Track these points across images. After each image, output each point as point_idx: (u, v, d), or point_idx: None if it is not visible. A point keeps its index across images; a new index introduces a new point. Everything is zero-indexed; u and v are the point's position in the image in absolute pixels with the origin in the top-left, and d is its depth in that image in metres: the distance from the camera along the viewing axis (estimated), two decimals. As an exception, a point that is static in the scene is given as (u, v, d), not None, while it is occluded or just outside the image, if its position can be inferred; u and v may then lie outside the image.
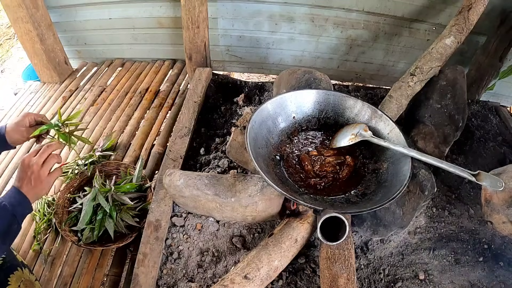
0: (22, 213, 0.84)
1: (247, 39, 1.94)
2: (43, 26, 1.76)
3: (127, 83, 1.95)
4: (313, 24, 1.83)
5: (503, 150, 1.44)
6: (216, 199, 1.01)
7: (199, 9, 1.61)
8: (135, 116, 1.74)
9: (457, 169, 0.94)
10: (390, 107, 1.23)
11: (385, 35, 1.84)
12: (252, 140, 1.01)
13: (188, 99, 1.57)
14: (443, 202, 1.25)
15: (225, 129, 1.53)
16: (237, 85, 1.78)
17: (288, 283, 1.04)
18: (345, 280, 0.89)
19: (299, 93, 1.17)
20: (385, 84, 2.05)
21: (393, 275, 1.07)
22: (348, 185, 1.06)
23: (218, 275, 1.07)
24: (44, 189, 0.88)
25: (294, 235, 0.98)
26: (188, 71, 1.92)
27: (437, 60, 1.28)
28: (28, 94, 1.91)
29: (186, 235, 1.15)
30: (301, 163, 1.10)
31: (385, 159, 1.07)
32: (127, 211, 1.22)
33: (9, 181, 1.44)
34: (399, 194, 0.90)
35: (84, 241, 1.15)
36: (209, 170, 1.32)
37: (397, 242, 1.14)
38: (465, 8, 1.36)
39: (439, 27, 1.75)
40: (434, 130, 1.20)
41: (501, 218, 0.97)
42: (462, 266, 1.08)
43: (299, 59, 2.03)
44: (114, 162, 1.43)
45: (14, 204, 0.82)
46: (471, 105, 1.66)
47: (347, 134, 1.13)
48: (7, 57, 3.07)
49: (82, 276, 1.15)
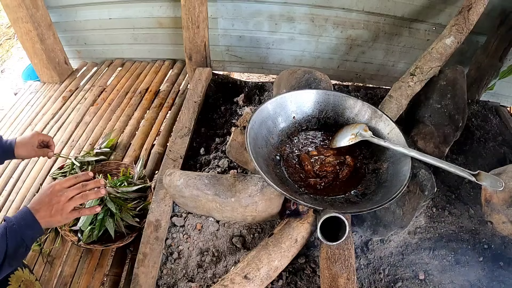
0: (32, 237, 0.79)
1: (247, 39, 1.94)
2: (43, 26, 1.76)
3: (127, 83, 1.95)
4: (313, 24, 1.83)
5: (503, 150, 1.44)
6: (216, 199, 1.01)
7: (199, 9, 1.61)
8: (135, 116, 1.74)
9: (457, 169, 0.94)
10: (390, 107, 1.23)
11: (385, 35, 1.84)
12: (252, 140, 1.01)
13: (188, 99, 1.57)
14: (443, 202, 1.25)
15: (225, 129, 1.53)
16: (237, 85, 1.78)
17: (288, 283, 1.04)
18: (345, 280, 0.89)
19: (299, 93, 1.17)
20: (385, 84, 2.05)
21: (393, 275, 1.07)
22: (348, 185, 1.06)
23: (218, 275, 1.07)
24: (60, 222, 0.84)
25: (294, 235, 0.98)
26: (188, 71, 1.92)
27: (437, 60, 1.28)
28: (28, 94, 1.90)
29: (186, 235, 1.15)
30: (301, 163, 1.10)
31: (385, 159, 1.07)
32: (128, 211, 1.22)
33: (8, 181, 1.44)
34: (399, 194, 0.90)
35: (84, 241, 1.15)
36: (209, 170, 1.32)
37: (397, 242, 1.14)
38: (465, 8, 1.36)
39: (439, 27, 1.75)
40: (434, 130, 1.20)
41: (501, 218, 0.97)
42: (462, 266, 1.08)
43: (299, 59, 2.03)
44: (114, 162, 1.43)
45: (24, 228, 0.77)
46: (471, 105, 1.66)
47: (347, 134, 1.13)
48: (7, 57, 3.07)
49: (82, 276, 1.15)
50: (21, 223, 0.77)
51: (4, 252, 0.73)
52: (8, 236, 0.75)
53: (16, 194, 1.38)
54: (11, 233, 0.75)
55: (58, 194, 0.83)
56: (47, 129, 1.67)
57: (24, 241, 0.77)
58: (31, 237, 0.79)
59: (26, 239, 0.77)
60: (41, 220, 0.80)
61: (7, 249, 0.74)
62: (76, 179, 0.88)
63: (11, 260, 0.75)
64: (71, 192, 0.84)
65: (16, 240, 0.75)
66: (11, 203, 1.35)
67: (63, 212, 0.82)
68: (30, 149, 1.12)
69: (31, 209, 0.80)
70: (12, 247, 0.75)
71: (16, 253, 0.76)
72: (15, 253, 0.76)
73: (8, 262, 0.74)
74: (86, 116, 1.74)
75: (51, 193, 0.83)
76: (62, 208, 0.82)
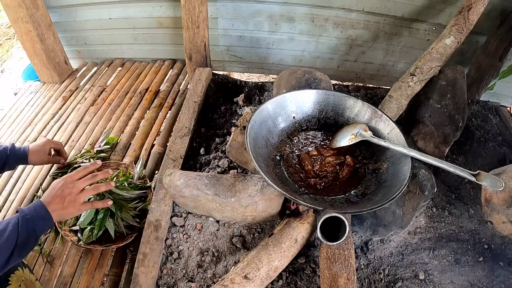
0: (43, 229, 0.81)
1: (247, 39, 1.94)
2: (43, 26, 1.76)
3: (127, 83, 1.95)
4: (313, 24, 1.83)
5: (503, 150, 1.44)
6: (216, 199, 1.01)
7: (199, 9, 1.61)
8: (135, 116, 1.74)
9: (457, 169, 0.94)
10: (390, 107, 1.23)
11: (385, 35, 1.84)
12: (252, 140, 1.01)
13: (188, 99, 1.57)
14: (443, 202, 1.25)
15: (225, 129, 1.53)
16: (237, 85, 1.78)
17: (288, 283, 1.04)
18: (345, 280, 0.89)
19: (299, 93, 1.17)
20: (385, 84, 2.05)
21: (393, 275, 1.07)
22: (348, 185, 1.06)
23: (218, 275, 1.07)
24: (72, 214, 0.85)
25: (294, 235, 0.98)
26: (188, 71, 1.92)
27: (437, 60, 1.28)
28: (28, 94, 1.90)
29: (186, 235, 1.15)
30: (301, 163, 1.10)
31: (385, 159, 1.07)
32: (128, 211, 1.21)
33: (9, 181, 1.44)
34: (399, 194, 0.90)
35: (84, 241, 1.15)
36: (209, 170, 1.32)
37: (397, 242, 1.14)
38: (465, 8, 1.36)
39: (439, 27, 1.75)
40: (434, 130, 1.20)
41: (501, 218, 0.97)
42: (462, 266, 1.08)
43: (299, 59, 2.03)
44: (114, 162, 1.43)
45: (36, 219, 0.79)
46: (471, 105, 1.66)
47: (347, 134, 1.13)
48: (7, 57, 3.07)
49: (82, 276, 1.15)
50: (34, 215, 0.79)
51: (15, 242, 0.75)
52: (20, 226, 0.76)
53: (16, 194, 1.38)
54: (23, 224, 0.77)
55: (70, 186, 0.84)
56: (47, 129, 1.67)
57: (35, 232, 0.79)
58: (42, 229, 0.81)
59: (37, 230, 0.79)
60: (53, 212, 0.82)
61: (18, 238, 0.75)
62: (86, 169, 0.89)
63: (21, 250, 0.77)
64: (82, 184, 0.86)
65: (28, 230, 0.77)
66: (11, 203, 1.35)
67: (75, 204, 0.84)
68: (43, 156, 1.19)
69: (43, 202, 0.82)
70: (23, 238, 0.76)
71: (26, 244, 0.77)
72: (26, 244, 0.77)
73: (17, 253, 0.76)
74: (86, 116, 1.73)
75: (63, 185, 0.84)
76: (74, 199, 0.84)
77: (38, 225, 0.79)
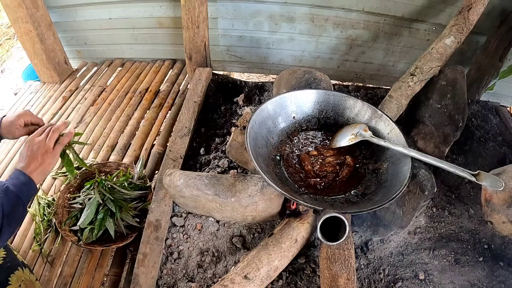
0: (27, 194, 0.82)
1: (247, 39, 1.94)
2: (43, 26, 1.76)
3: (127, 83, 1.95)
4: (313, 24, 1.83)
5: (503, 150, 1.44)
6: (216, 199, 1.01)
7: (199, 9, 1.61)
8: (135, 116, 1.74)
9: (457, 169, 0.94)
10: (390, 107, 1.23)
11: (385, 35, 1.84)
12: (252, 140, 1.01)
13: (188, 99, 1.57)
14: (443, 202, 1.25)
15: (225, 129, 1.53)
16: (237, 85, 1.78)
17: (288, 283, 1.04)
18: (345, 280, 0.89)
19: (299, 93, 1.17)
20: (385, 84, 2.05)
21: (393, 275, 1.07)
22: (348, 185, 1.06)
23: (218, 275, 1.07)
24: (51, 164, 0.87)
25: (294, 235, 0.98)
26: (188, 71, 1.92)
27: (437, 60, 1.28)
28: (28, 94, 1.90)
29: (186, 235, 1.15)
30: (301, 163, 1.10)
31: (385, 159, 1.07)
32: (128, 211, 1.22)
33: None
34: (399, 194, 0.90)
35: (84, 241, 1.15)
36: (209, 170, 1.32)
37: (397, 242, 1.14)
38: (465, 8, 1.36)
39: (439, 27, 1.75)
40: (434, 130, 1.20)
41: (501, 218, 0.97)
42: (462, 266, 1.08)
43: (299, 59, 2.03)
44: (114, 162, 1.43)
45: (18, 186, 0.80)
46: (471, 105, 1.66)
47: (347, 134, 1.13)
48: (7, 57, 3.07)
49: (82, 276, 1.15)
50: (14, 182, 0.80)
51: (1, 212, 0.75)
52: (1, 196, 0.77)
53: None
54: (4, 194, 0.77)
55: (36, 142, 0.86)
56: (47, 129, 1.67)
57: (20, 199, 0.79)
58: (27, 194, 0.82)
59: (22, 196, 0.80)
60: (33, 173, 0.83)
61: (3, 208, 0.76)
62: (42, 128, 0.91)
63: (11, 219, 0.77)
64: (45, 134, 0.88)
65: (11, 199, 0.78)
66: None
67: (48, 152, 0.86)
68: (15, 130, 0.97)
69: (20, 169, 0.83)
70: (8, 206, 0.77)
71: (14, 213, 0.78)
72: (14, 213, 0.78)
73: (7, 223, 0.76)
74: (86, 116, 1.74)
75: (29, 146, 0.86)
76: (46, 150, 0.86)
77: (22, 190, 0.80)
